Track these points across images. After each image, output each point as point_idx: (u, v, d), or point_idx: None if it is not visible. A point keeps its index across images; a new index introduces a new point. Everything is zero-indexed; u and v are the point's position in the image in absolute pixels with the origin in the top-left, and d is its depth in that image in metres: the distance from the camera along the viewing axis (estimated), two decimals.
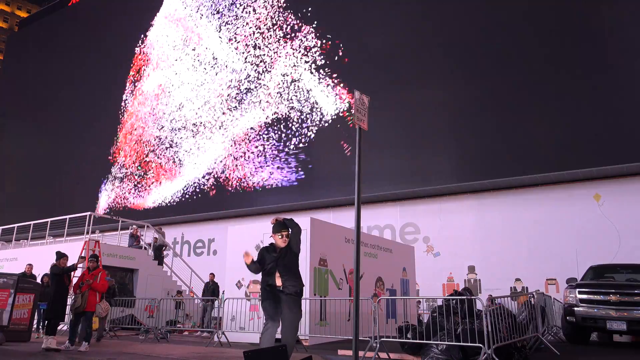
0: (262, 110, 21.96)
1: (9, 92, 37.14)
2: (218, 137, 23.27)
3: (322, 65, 20.60)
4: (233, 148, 22.53)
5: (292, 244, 5.44)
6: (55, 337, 8.45)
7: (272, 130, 21.39)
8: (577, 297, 8.77)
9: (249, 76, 22.91)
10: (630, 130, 14.32)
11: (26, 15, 55.34)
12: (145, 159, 25.95)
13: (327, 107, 19.91)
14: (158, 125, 26.01)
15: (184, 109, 25.12)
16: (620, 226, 14.54)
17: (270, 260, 5.38)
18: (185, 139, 24.52)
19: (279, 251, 5.42)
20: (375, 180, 17.58)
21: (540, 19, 16.35)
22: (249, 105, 22.49)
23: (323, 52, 20.74)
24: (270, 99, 21.82)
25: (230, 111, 23.11)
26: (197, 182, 23.34)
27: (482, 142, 16.49)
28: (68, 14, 35.53)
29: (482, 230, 16.66)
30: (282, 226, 5.46)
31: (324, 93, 20.17)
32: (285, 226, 5.47)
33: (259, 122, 21.90)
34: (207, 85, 24.49)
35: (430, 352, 6.62)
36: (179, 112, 25.32)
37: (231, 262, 10.89)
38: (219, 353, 8.20)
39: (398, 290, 12.50)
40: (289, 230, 5.46)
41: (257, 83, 22.51)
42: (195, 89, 24.92)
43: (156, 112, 26.41)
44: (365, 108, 5.87)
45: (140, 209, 24.90)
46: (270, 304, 5.24)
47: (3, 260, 16.90)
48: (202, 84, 24.72)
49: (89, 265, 9.12)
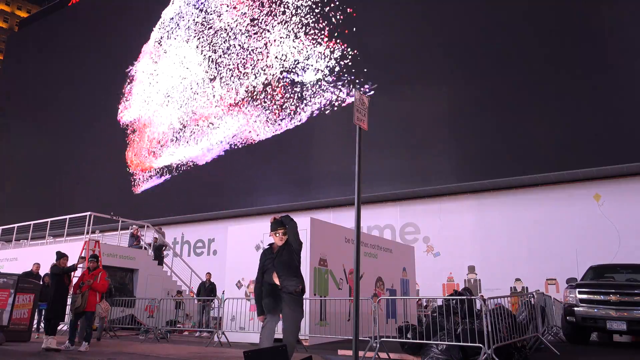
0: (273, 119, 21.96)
1: (8, 92, 37.13)
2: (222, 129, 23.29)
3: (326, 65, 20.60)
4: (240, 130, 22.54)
5: (290, 240, 5.47)
6: (55, 337, 8.45)
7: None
8: (577, 297, 8.76)
9: (255, 77, 22.91)
10: (630, 130, 14.32)
11: (26, 15, 55.34)
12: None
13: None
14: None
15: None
16: (620, 226, 14.54)
17: (268, 260, 5.42)
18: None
19: (277, 250, 5.45)
20: (375, 180, 17.58)
21: (540, 19, 16.35)
22: (257, 109, 22.50)
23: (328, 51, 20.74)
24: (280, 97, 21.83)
25: (239, 107, 23.12)
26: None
27: (482, 142, 16.49)
28: (68, 14, 35.54)
29: (482, 230, 16.66)
30: (278, 224, 5.50)
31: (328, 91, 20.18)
32: (282, 224, 5.50)
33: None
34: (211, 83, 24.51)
35: (430, 352, 6.62)
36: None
37: (231, 262, 10.89)
38: (219, 353, 8.20)
39: (398, 290, 12.49)
40: (286, 228, 5.48)
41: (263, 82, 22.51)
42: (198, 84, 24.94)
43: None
44: (365, 108, 5.87)
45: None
46: (270, 301, 5.26)
47: (3, 260, 16.89)
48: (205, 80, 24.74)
49: (89, 265, 9.12)
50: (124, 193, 26.00)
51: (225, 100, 23.55)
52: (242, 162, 22.04)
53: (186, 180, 23.80)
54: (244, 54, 23.40)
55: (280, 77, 21.72)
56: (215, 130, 23.54)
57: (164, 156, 25.33)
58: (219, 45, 24.67)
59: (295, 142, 20.70)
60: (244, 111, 22.70)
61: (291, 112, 21.03)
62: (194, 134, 24.38)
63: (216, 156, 23.10)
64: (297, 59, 21.39)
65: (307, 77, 20.91)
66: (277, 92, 21.69)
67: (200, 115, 24.35)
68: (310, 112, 20.45)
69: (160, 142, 25.80)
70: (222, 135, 23.19)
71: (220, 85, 23.95)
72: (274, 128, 21.42)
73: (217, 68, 24.37)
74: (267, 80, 22.20)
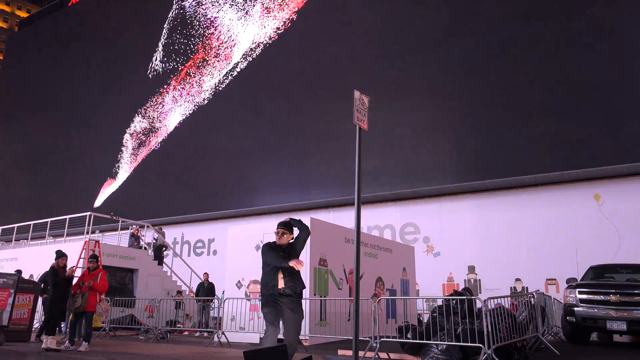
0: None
1: (8, 92, 37.13)
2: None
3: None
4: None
5: (299, 244, 5.45)
6: (55, 337, 8.45)
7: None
8: (577, 297, 8.76)
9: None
10: (630, 130, 14.32)
11: (26, 15, 55.34)
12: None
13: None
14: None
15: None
16: (620, 226, 14.54)
17: (276, 258, 5.28)
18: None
19: (284, 249, 5.39)
20: (375, 180, 17.58)
21: (540, 18, 16.35)
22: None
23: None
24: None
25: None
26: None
27: (482, 142, 16.49)
28: (68, 14, 35.54)
29: (482, 230, 16.66)
30: (285, 225, 5.47)
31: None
32: (285, 225, 5.47)
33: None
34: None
35: (430, 352, 6.62)
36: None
37: (231, 262, 10.89)
38: (219, 353, 8.20)
39: (398, 290, 12.50)
40: (287, 229, 5.45)
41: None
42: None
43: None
44: (365, 108, 5.86)
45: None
46: (270, 311, 5.19)
47: (3, 260, 16.89)
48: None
49: (89, 265, 9.11)
50: (124, 193, 26.01)
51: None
52: (242, 162, 22.03)
53: (186, 180, 23.79)
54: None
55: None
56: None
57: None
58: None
59: (296, 141, 20.70)
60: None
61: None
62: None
63: (215, 154, 23.11)
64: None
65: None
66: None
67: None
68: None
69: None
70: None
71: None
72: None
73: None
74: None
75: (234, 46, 24.23)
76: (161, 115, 26.40)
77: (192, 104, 25.13)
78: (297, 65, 21.57)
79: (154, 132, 26.36)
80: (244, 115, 22.77)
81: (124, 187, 26.08)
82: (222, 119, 23.60)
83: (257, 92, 22.63)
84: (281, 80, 21.91)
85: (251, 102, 22.72)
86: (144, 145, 26.49)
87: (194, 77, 25.54)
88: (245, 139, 22.22)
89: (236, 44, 24.11)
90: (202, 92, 24.83)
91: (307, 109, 20.67)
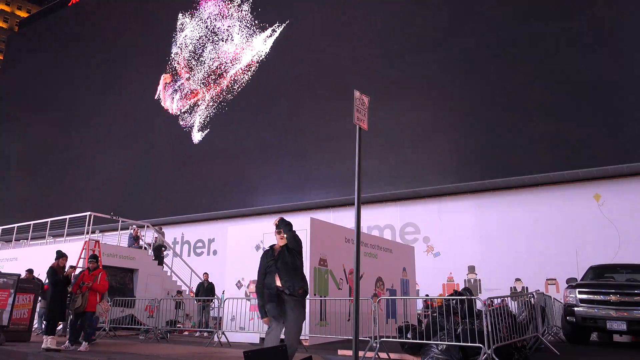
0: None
1: (8, 92, 37.12)
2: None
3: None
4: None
5: (289, 242, 5.51)
6: (55, 337, 8.44)
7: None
8: (577, 297, 8.76)
9: None
10: (630, 130, 14.33)
11: (26, 15, 55.33)
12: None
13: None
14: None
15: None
16: (620, 226, 14.54)
17: (270, 262, 5.43)
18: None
19: (278, 251, 5.46)
20: (375, 180, 17.58)
21: (540, 18, 16.35)
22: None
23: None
24: None
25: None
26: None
27: (482, 142, 16.49)
28: (68, 14, 35.55)
29: (482, 230, 16.66)
30: (281, 224, 5.58)
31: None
32: (277, 226, 5.58)
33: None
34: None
35: (430, 352, 6.61)
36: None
37: (231, 262, 10.89)
38: (219, 353, 8.19)
39: (398, 290, 12.49)
40: (278, 229, 5.56)
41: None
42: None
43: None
44: (365, 108, 5.86)
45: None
46: (273, 307, 5.23)
47: (3, 260, 16.88)
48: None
49: (88, 265, 9.11)
50: (124, 193, 25.99)
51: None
52: (242, 162, 22.03)
53: (186, 180, 23.78)
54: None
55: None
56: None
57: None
58: None
59: (296, 141, 20.70)
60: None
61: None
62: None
63: (215, 154, 23.10)
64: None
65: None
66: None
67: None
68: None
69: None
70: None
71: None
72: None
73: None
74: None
75: (237, 52, 24.23)
76: (161, 115, 26.41)
77: (192, 104, 25.12)
78: (297, 65, 21.57)
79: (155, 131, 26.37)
80: (244, 115, 22.78)
81: (124, 187, 26.06)
82: (222, 119, 23.60)
83: (258, 92, 22.64)
84: (281, 80, 21.92)
85: (251, 102, 22.72)
86: (145, 145, 26.48)
87: (193, 77, 25.55)
88: (245, 139, 22.21)
89: (237, 47, 24.12)
90: (202, 92, 24.83)
91: (307, 109, 20.67)
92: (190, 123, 24.88)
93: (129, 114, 27.72)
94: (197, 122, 24.59)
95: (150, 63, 27.75)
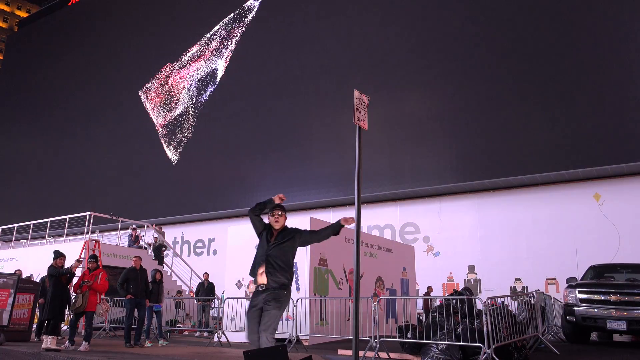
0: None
1: (9, 92, 37.13)
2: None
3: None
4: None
5: (297, 238, 4.84)
6: (55, 337, 8.44)
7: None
8: (577, 297, 8.75)
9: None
10: (630, 130, 14.34)
11: (26, 15, 55.33)
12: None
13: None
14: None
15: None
16: (620, 226, 14.55)
17: (263, 248, 4.71)
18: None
19: (275, 236, 4.80)
20: (375, 180, 17.58)
21: (540, 18, 16.36)
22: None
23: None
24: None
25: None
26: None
27: (482, 142, 16.50)
28: (68, 14, 35.54)
29: (482, 230, 16.67)
30: (279, 206, 5.02)
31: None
32: (282, 207, 5.01)
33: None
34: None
35: (430, 352, 6.61)
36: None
37: (231, 262, 10.89)
38: (219, 353, 8.19)
39: (398, 290, 12.49)
40: (284, 210, 5.00)
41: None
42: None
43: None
44: (365, 108, 5.86)
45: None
46: (252, 315, 4.53)
47: (3, 260, 16.88)
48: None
49: (88, 265, 9.11)
50: (124, 193, 25.99)
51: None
52: (242, 162, 22.03)
53: (187, 180, 23.78)
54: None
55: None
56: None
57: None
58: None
59: (296, 141, 20.70)
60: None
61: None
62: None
63: (215, 154, 23.10)
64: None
65: None
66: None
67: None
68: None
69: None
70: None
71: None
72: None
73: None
74: None
75: (233, 48, 24.25)
76: (161, 115, 26.41)
77: (192, 104, 25.13)
78: (297, 65, 21.57)
79: (155, 131, 26.36)
80: (243, 115, 22.77)
81: (124, 187, 26.07)
82: (222, 118, 23.59)
83: (258, 92, 22.63)
84: (281, 80, 21.91)
85: (251, 102, 22.71)
86: (145, 145, 26.48)
87: (192, 77, 25.56)
88: (245, 139, 22.21)
89: (236, 45, 24.13)
90: (202, 92, 24.84)
91: (307, 109, 20.67)
92: (190, 123, 24.89)
93: (129, 114, 27.71)
94: (196, 122, 24.59)
95: (150, 62, 27.75)
